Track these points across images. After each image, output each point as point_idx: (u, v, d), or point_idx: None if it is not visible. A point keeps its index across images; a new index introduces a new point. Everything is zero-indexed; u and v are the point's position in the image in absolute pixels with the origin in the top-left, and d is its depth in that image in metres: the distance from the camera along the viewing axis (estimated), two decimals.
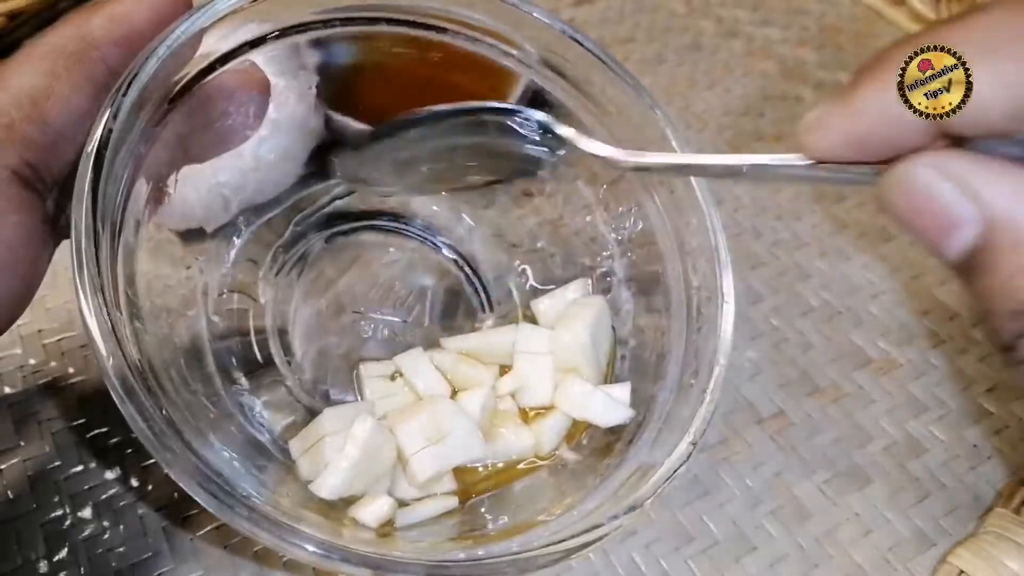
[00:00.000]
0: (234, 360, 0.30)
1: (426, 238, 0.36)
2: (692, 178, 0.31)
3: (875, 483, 0.34)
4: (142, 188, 0.26)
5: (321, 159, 0.36)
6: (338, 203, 0.36)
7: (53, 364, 0.35)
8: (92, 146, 0.22)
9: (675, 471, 0.26)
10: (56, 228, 0.25)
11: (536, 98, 0.34)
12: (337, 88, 0.35)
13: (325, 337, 0.33)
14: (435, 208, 0.37)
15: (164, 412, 0.22)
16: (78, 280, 0.21)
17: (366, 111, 0.36)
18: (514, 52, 0.33)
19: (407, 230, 0.36)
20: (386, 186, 0.35)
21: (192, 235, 0.31)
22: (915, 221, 0.22)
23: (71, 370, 0.35)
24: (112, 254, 0.23)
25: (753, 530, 0.32)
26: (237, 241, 0.33)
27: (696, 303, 0.30)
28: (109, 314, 0.21)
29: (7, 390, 0.34)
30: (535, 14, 0.32)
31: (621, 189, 0.34)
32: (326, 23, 0.31)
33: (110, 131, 0.23)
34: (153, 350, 0.25)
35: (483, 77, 0.34)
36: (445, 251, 0.36)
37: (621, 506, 0.25)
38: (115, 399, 0.21)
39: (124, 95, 0.23)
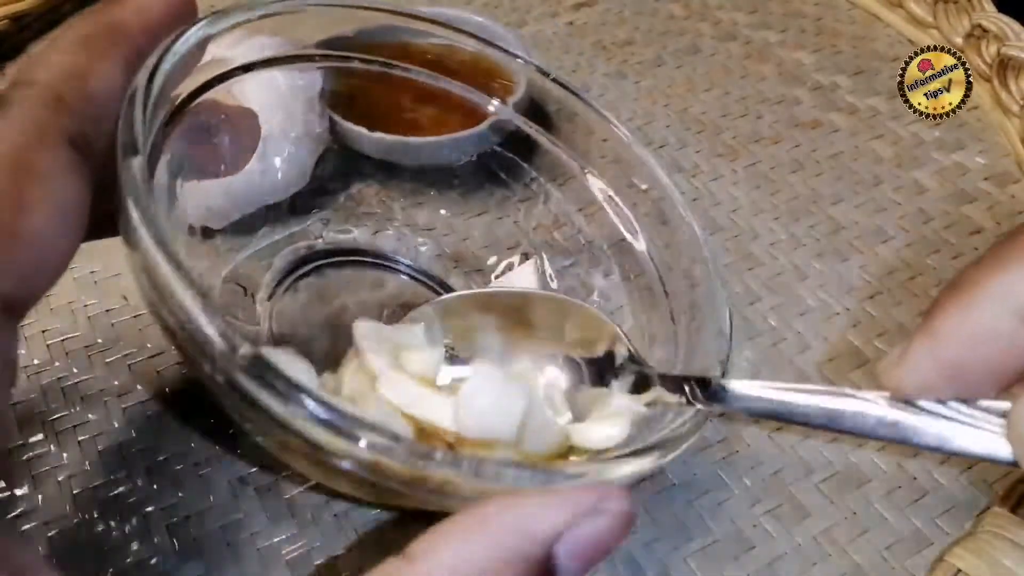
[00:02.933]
0: None
1: (412, 275, 0.37)
2: (666, 183, 0.31)
3: (872, 482, 0.34)
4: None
5: (326, 166, 0.36)
6: (322, 242, 0.36)
7: (57, 364, 0.35)
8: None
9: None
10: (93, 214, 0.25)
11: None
12: (342, 93, 0.35)
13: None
14: (423, 249, 0.38)
15: None
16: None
17: (371, 116, 0.36)
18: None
19: (395, 267, 0.37)
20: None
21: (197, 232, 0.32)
22: None
23: (75, 370, 0.35)
24: None
25: (751, 529, 0.32)
26: (229, 261, 0.33)
27: (691, 297, 0.31)
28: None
29: (11, 390, 0.34)
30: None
31: (603, 204, 0.34)
32: (306, 58, 0.33)
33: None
34: None
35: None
36: (433, 285, 0.37)
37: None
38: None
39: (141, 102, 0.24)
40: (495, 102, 0.36)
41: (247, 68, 0.30)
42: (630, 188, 0.33)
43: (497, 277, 0.36)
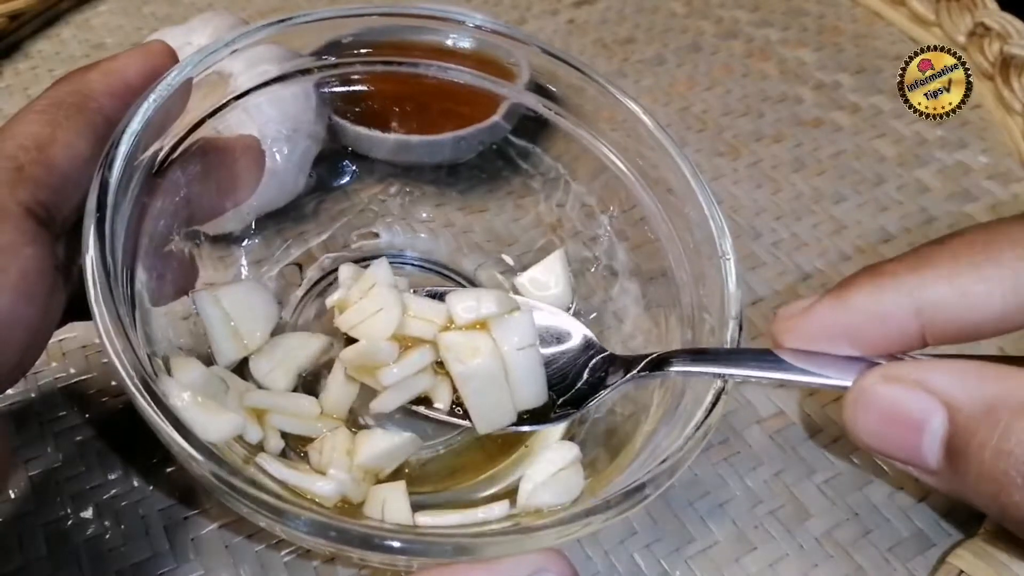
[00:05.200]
0: None
1: (424, 266, 0.37)
2: (686, 169, 0.31)
3: (874, 483, 0.34)
4: (145, 258, 0.27)
5: (343, 172, 0.37)
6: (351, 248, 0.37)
7: (54, 365, 0.35)
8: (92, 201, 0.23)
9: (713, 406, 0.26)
10: (67, 276, 0.25)
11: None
12: (350, 98, 0.35)
13: None
14: (422, 235, 0.38)
15: None
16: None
17: (382, 118, 0.36)
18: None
19: (404, 263, 0.37)
20: None
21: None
22: (889, 431, 0.24)
23: (72, 371, 0.35)
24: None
25: (753, 530, 0.32)
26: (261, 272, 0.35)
27: (699, 296, 0.30)
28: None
29: (8, 391, 0.34)
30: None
31: (616, 188, 0.34)
32: (303, 72, 0.33)
33: (107, 183, 0.23)
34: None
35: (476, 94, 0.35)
36: (446, 274, 0.37)
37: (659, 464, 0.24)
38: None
39: (116, 149, 0.24)
40: (505, 86, 0.35)
41: (241, 96, 0.31)
42: (649, 173, 0.33)
43: (523, 271, 0.36)
